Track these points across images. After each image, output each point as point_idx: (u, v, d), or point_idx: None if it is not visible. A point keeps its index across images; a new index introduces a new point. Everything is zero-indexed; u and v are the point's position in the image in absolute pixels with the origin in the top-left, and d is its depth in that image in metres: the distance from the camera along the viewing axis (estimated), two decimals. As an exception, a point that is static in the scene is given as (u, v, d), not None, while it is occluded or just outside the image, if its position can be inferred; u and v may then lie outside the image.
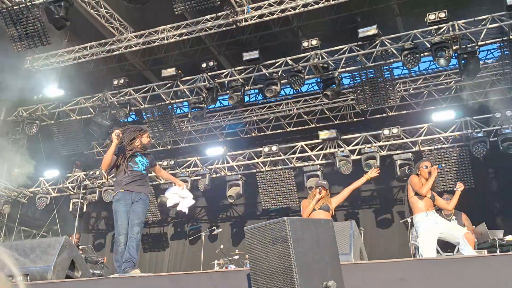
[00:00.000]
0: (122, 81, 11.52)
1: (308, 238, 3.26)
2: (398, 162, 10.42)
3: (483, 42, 9.47)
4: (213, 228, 10.62)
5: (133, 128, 5.56)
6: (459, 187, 5.82)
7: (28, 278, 5.18)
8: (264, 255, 3.30)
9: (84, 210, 12.74)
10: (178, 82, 11.19)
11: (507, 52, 9.40)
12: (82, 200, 12.09)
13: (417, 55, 9.40)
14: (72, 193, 13.14)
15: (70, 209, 12.58)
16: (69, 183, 13.25)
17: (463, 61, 9.30)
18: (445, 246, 6.22)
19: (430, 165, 5.60)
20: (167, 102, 11.58)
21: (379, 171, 6.25)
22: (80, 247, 11.05)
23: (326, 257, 3.33)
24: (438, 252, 5.80)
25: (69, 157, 13.32)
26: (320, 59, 10.14)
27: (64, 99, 12.29)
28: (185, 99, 11.62)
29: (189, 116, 11.38)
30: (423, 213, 5.42)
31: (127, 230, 5.03)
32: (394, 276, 3.49)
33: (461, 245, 5.30)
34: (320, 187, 6.06)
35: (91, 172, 12.77)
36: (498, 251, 7.28)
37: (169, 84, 11.32)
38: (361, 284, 3.55)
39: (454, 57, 10.10)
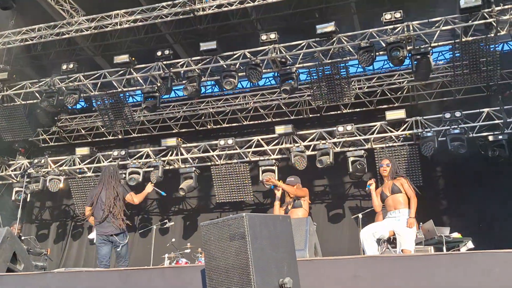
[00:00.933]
0: (71, 66, 11.01)
1: (266, 234, 3.19)
2: (351, 158, 10.56)
3: (436, 44, 9.73)
4: (165, 221, 10.39)
5: None
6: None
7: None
8: (221, 252, 3.19)
9: (28, 199, 12.17)
10: (131, 69, 10.82)
11: (458, 54, 9.68)
12: (25, 189, 11.50)
13: (372, 54, 9.52)
14: (14, 181, 12.53)
15: (13, 198, 11.97)
16: (11, 170, 12.61)
17: (415, 62, 9.51)
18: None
19: (385, 163, 5.80)
20: (119, 90, 11.18)
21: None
22: (23, 238, 10.55)
23: (283, 253, 3.27)
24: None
25: (12, 144, 12.66)
26: (278, 53, 10.10)
27: (9, 83, 11.62)
28: (138, 87, 11.26)
29: (142, 106, 11.05)
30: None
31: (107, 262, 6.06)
32: (348, 272, 3.48)
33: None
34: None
35: (36, 160, 12.17)
36: (444, 248, 7.53)
37: (121, 72, 10.93)
38: (316, 281, 3.52)
39: (408, 57, 10.35)
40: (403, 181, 5.96)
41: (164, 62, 10.58)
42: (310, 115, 12.10)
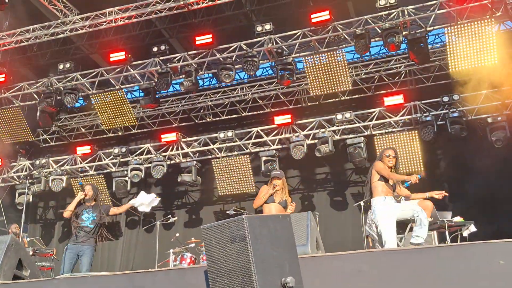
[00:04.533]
0: (68, 65, 11.04)
1: (266, 235, 3.23)
2: (351, 147, 10.57)
3: (432, 28, 9.69)
4: (168, 216, 10.44)
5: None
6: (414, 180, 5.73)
7: (-28, 280, 4.90)
8: (222, 254, 3.24)
9: (31, 200, 12.24)
10: (128, 66, 10.82)
11: (455, 37, 9.64)
12: (28, 190, 11.57)
13: (367, 41, 9.50)
14: (17, 183, 12.59)
15: (17, 200, 12.04)
16: (14, 172, 12.67)
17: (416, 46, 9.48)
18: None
19: (394, 153, 5.74)
20: (117, 87, 11.18)
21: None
22: (28, 239, 10.63)
23: (284, 253, 3.31)
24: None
25: (13, 146, 12.69)
26: (274, 44, 10.07)
27: (6, 85, 11.62)
28: (136, 84, 11.27)
29: (141, 102, 11.05)
30: (381, 197, 5.53)
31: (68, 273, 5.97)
32: (351, 267, 3.52)
33: (417, 213, 5.43)
34: (275, 179, 6.06)
35: (37, 162, 12.22)
36: (446, 232, 7.57)
37: (118, 69, 10.93)
38: (320, 277, 3.56)
39: (404, 42, 10.32)
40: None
41: (161, 58, 10.57)
42: (309, 104, 12.09)
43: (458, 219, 7.82)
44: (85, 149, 12.13)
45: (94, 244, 6.55)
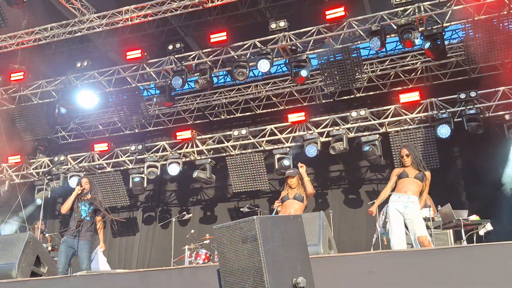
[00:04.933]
0: (85, 63, 11.15)
1: (277, 235, 3.26)
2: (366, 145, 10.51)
3: (448, 24, 9.58)
4: (184, 213, 10.56)
5: None
6: None
7: (-8, 276, 5.03)
8: (234, 254, 3.28)
9: (49, 196, 12.46)
10: (144, 64, 10.93)
11: (471, 33, 9.52)
12: (46, 187, 11.78)
13: (383, 37, 9.42)
14: (36, 179, 12.82)
15: (36, 196, 12.26)
16: (33, 169, 12.90)
17: (428, 43, 9.38)
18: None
19: (404, 152, 5.81)
20: (134, 85, 11.30)
21: None
22: (47, 234, 10.86)
23: (295, 253, 3.34)
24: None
25: (32, 143, 12.92)
26: (288, 41, 10.06)
27: (25, 83, 11.82)
28: (152, 82, 11.37)
29: (156, 100, 11.16)
30: (398, 194, 5.66)
31: (64, 267, 6.13)
32: (363, 268, 3.53)
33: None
34: (289, 178, 6.19)
35: (56, 158, 12.44)
36: (462, 231, 7.53)
37: (134, 67, 11.04)
38: (331, 278, 3.58)
39: (420, 39, 10.21)
40: (429, 177, 5.89)
41: (176, 56, 10.64)
42: (323, 101, 12.06)
43: (474, 217, 7.78)
44: (103, 146, 12.32)
45: (91, 238, 6.46)
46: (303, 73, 10.02)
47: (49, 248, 9.48)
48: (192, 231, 10.06)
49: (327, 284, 3.50)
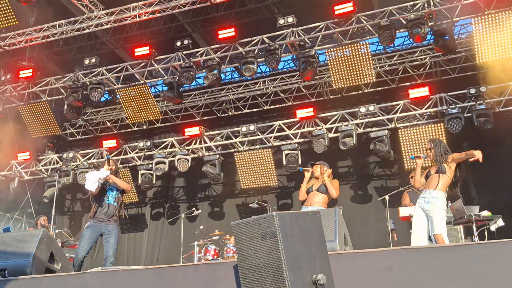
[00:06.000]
0: (93, 60, 11.19)
1: (296, 232, 3.25)
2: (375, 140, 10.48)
3: (458, 18, 9.52)
4: (193, 209, 10.57)
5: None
6: None
7: (6, 273, 5.06)
8: (253, 251, 3.28)
9: (58, 192, 12.51)
10: (152, 61, 10.93)
11: (482, 27, 9.45)
12: (55, 183, 11.83)
13: (392, 32, 9.38)
14: (45, 175, 12.87)
15: (45, 193, 12.31)
16: (42, 165, 12.95)
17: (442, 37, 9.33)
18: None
19: (428, 146, 5.77)
20: (142, 82, 11.31)
21: None
22: (56, 231, 10.88)
23: (315, 249, 3.33)
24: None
25: (41, 139, 12.97)
26: (297, 37, 10.03)
27: (34, 80, 11.86)
28: (160, 78, 11.38)
29: (163, 94, 11.17)
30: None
31: (86, 253, 6.00)
32: (381, 265, 3.53)
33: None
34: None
35: (65, 155, 12.48)
36: (474, 227, 7.49)
37: (142, 64, 11.05)
38: (349, 274, 3.58)
39: (429, 33, 10.16)
40: (451, 156, 5.82)
41: (184, 52, 10.64)
42: (331, 97, 12.04)
43: (485, 213, 7.72)
44: (111, 143, 12.35)
45: (118, 223, 6.27)
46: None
47: (59, 244, 9.50)
48: (201, 227, 10.07)
49: (345, 280, 3.50)
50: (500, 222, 7.71)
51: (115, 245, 6.00)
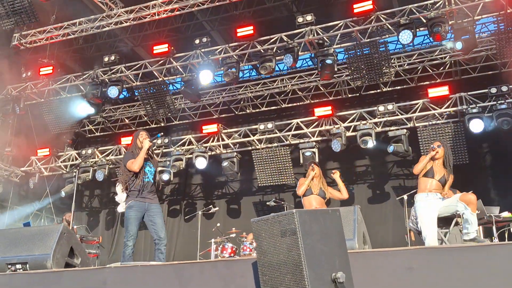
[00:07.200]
0: (113, 58, 11.28)
1: (316, 229, 3.24)
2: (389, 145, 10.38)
3: (479, 17, 9.36)
4: (210, 207, 10.61)
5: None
6: None
7: (28, 266, 5.15)
8: (273, 248, 3.28)
9: (77, 188, 12.67)
10: (171, 59, 10.99)
11: (503, 26, 9.30)
12: (76, 180, 11.98)
13: (412, 31, 9.27)
14: (64, 172, 13.03)
15: (64, 189, 12.47)
16: (61, 162, 13.12)
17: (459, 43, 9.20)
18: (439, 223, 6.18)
19: (437, 145, 5.61)
20: (160, 79, 11.38)
21: None
22: (75, 227, 11.03)
23: (334, 248, 3.32)
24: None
25: (60, 136, 13.14)
26: (315, 35, 9.99)
27: (54, 77, 12.01)
28: (178, 76, 11.43)
29: (183, 89, 11.21)
30: (424, 193, 5.46)
31: (136, 236, 5.34)
32: (401, 264, 3.50)
33: (460, 208, 5.30)
34: (312, 164, 6.48)
35: (84, 151, 12.63)
36: (494, 228, 7.39)
37: (161, 61, 11.12)
38: (369, 273, 3.56)
39: (450, 32, 10.02)
40: (452, 178, 5.75)
41: (203, 50, 10.67)
42: (349, 95, 11.97)
43: (506, 214, 7.62)
44: (129, 140, 12.43)
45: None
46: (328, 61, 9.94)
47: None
48: (218, 224, 10.10)
49: (364, 279, 3.48)
50: (521, 224, 7.60)
51: (164, 226, 5.44)
